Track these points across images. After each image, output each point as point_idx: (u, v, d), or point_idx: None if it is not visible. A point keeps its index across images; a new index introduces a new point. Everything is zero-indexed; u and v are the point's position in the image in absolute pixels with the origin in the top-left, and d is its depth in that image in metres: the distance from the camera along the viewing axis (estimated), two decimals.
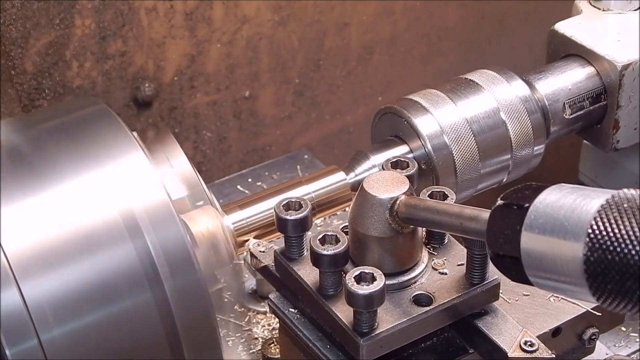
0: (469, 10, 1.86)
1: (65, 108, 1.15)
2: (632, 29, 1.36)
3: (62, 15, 1.48)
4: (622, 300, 0.78)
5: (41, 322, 0.92)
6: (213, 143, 1.71)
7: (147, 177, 0.99)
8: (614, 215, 0.78)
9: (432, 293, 1.04)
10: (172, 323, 0.97)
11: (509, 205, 0.88)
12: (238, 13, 1.62)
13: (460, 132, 1.25)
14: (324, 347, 1.05)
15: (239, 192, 1.45)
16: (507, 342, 1.04)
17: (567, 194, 0.83)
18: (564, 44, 1.36)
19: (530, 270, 0.86)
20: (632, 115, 1.35)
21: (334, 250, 1.01)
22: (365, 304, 0.97)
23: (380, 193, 1.02)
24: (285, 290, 1.10)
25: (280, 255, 1.09)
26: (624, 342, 1.30)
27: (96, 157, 0.99)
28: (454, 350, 1.08)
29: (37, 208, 0.96)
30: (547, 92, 1.32)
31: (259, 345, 1.25)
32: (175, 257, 0.97)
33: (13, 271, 0.92)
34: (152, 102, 1.62)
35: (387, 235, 1.02)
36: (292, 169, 1.50)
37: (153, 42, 1.57)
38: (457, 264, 1.07)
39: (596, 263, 0.79)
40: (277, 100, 1.75)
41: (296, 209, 1.06)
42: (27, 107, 1.51)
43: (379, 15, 1.76)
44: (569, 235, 0.81)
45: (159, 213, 0.97)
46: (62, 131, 1.03)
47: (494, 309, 1.07)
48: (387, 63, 1.83)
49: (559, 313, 1.12)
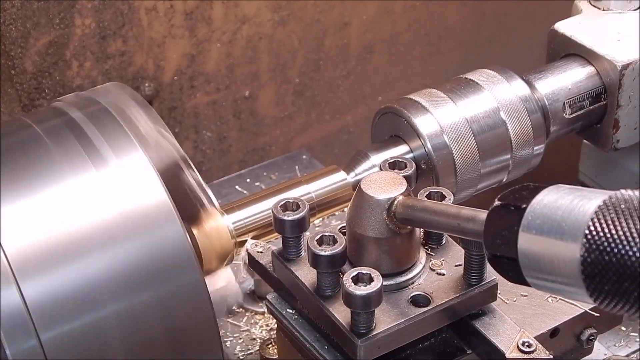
0: (469, 10, 1.86)
1: (65, 107, 1.15)
2: (632, 28, 1.35)
3: (62, 15, 1.48)
4: (620, 301, 0.78)
5: (41, 322, 0.91)
6: (213, 143, 1.71)
7: (147, 177, 0.99)
8: (611, 216, 0.78)
9: (429, 294, 1.04)
10: (172, 324, 0.97)
11: (506, 206, 0.87)
12: (238, 13, 1.62)
13: (460, 131, 1.24)
14: (321, 348, 1.05)
15: (237, 192, 1.45)
16: (504, 343, 1.04)
17: (564, 195, 0.83)
18: (564, 44, 1.36)
19: (528, 271, 0.86)
20: (632, 114, 1.35)
21: (332, 251, 1.01)
22: (363, 304, 0.97)
23: (377, 194, 1.02)
24: (282, 291, 1.10)
25: (277, 256, 1.08)
26: (624, 342, 1.29)
27: (96, 156, 0.99)
28: (452, 351, 1.08)
29: (37, 208, 0.95)
30: (547, 92, 1.31)
31: (257, 345, 1.25)
32: (176, 257, 0.97)
33: (13, 271, 0.92)
34: (152, 101, 1.62)
35: (385, 236, 1.02)
36: (290, 169, 1.49)
37: (153, 42, 1.57)
38: (455, 265, 1.07)
39: (593, 264, 0.78)
40: (277, 100, 1.74)
41: (294, 210, 1.06)
42: (27, 107, 1.51)
43: (379, 15, 1.76)
44: (566, 236, 0.80)
45: (159, 213, 0.97)
46: (62, 130, 1.03)
47: (491, 309, 1.07)
48: (387, 63, 1.82)
49: (557, 314, 1.12)
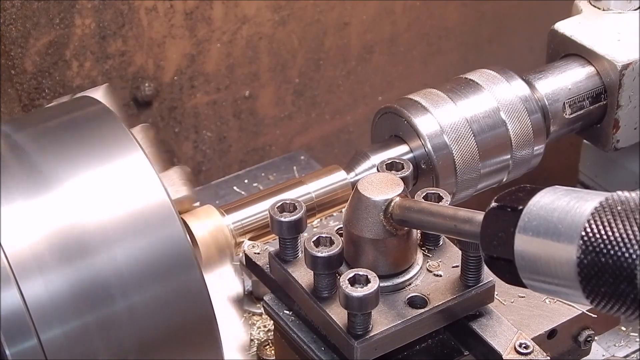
0: (469, 10, 1.86)
1: (65, 107, 1.15)
2: (632, 28, 1.35)
3: (62, 15, 1.48)
4: (616, 303, 0.78)
5: (41, 322, 0.91)
6: (213, 143, 1.71)
7: (147, 177, 0.99)
8: (607, 218, 0.78)
9: (426, 295, 1.04)
10: (172, 323, 0.97)
11: (502, 207, 0.87)
12: (238, 13, 1.62)
13: (460, 131, 1.24)
14: (318, 349, 1.05)
15: (235, 193, 1.45)
16: (502, 345, 1.03)
17: (560, 196, 0.83)
18: (564, 44, 1.36)
19: (524, 272, 0.85)
20: (632, 114, 1.34)
21: (328, 252, 1.01)
22: (359, 306, 0.97)
23: (374, 195, 1.02)
24: (280, 292, 1.10)
25: (274, 257, 1.08)
26: (624, 342, 1.29)
27: (96, 156, 0.99)
28: (449, 352, 1.08)
29: (37, 208, 0.95)
30: (547, 92, 1.31)
31: (254, 347, 1.25)
32: (175, 257, 0.97)
33: (13, 271, 0.92)
34: (152, 101, 1.62)
35: (382, 237, 1.02)
36: (288, 170, 1.49)
37: (153, 42, 1.57)
38: (452, 266, 1.07)
39: (589, 266, 0.78)
40: (277, 100, 1.74)
41: (290, 211, 1.06)
42: (27, 107, 1.51)
43: (379, 15, 1.75)
44: (562, 238, 0.80)
45: (159, 213, 0.97)
46: (62, 131, 1.03)
47: (489, 311, 1.07)
48: (387, 63, 1.82)
49: (554, 315, 1.11)
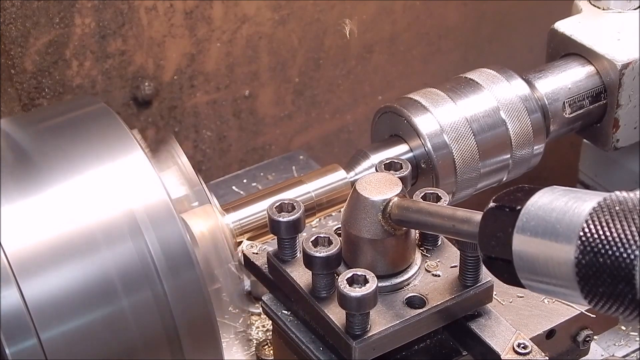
0: (469, 10, 1.86)
1: (65, 107, 1.15)
2: (631, 28, 1.35)
3: (62, 14, 1.48)
4: (614, 303, 0.78)
5: (41, 322, 0.91)
6: (213, 142, 1.71)
7: (147, 177, 0.99)
8: (605, 218, 0.78)
9: (425, 295, 1.04)
10: (172, 322, 0.97)
11: (500, 207, 0.87)
12: (238, 12, 1.62)
13: (460, 131, 1.24)
14: (316, 349, 1.05)
15: (234, 193, 1.45)
16: (500, 345, 1.03)
17: (559, 197, 0.83)
18: (564, 43, 1.36)
19: (522, 273, 0.85)
20: (632, 114, 1.34)
21: (327, 252, 1.01)
22: (358, 306, 0.97)
23: (372, 195, 1.02)
24: (278, 292, 1.10)
25: (273, 257, 1.08)
26: (624, 342, 1.29)
27: (96, 156, 0.99)
28: (447, 352, 1.08)
29: (37, 207, 0.95)
30: (547, 91, 1.31)
31: (253, 346, 1.24)
32: (175, 256, 0.97)
33: (13, 271, 0.92)
34: (152, 101, 1.62)
35: (380, 238, 1.02)
36: (287, 169, 1.49)
37: (153, 41, 1.57)
38: (451, 266, 1.07)
39: (588, 266, 0.78)
40: (277, 100, 1.74)
41: (289, 211, 1.06)
42: (27, 106, 1.51)
43: (378, 14, 1.75)
44: (560, 238, 0.80)
45: (158, 212, 0.97)
46: (62, 130, 1.03)
47: (487, 311, 1.07)
48: (387, 62, 1.82)
49: (553, 315, 1.11)
